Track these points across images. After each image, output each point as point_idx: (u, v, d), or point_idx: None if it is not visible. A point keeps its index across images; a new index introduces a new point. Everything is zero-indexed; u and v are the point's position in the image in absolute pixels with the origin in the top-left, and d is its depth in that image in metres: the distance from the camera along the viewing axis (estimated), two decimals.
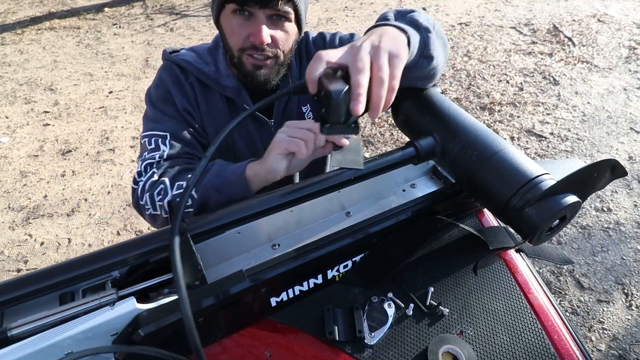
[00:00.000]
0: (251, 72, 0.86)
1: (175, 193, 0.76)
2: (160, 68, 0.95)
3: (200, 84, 0.93)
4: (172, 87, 0.91)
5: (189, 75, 0.92)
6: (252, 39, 0.81)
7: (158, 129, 0.87)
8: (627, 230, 2.16)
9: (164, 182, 0.78)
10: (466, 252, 0.72)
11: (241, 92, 0.93)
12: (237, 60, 0.86)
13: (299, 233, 0.77)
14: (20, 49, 4.13)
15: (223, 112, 0.94)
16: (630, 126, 2.87)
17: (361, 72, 0.51)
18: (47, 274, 0.54)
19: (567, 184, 0.56)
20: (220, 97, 0.94)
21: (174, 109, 0.90)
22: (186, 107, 0.90)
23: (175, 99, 0.90)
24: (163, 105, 0.91)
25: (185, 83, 0.92)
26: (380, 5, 4.82)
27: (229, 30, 0.83)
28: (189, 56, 0.93)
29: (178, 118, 0.90)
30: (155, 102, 0.92)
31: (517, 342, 0.61)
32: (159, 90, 0.92)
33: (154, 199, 0.78)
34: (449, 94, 3.26)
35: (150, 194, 0.79)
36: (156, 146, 0.85)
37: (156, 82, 0.94)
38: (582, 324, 1.77)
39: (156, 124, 0.88)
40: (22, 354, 0.45)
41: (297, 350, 0.60)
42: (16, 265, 2.07)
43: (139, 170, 0.84)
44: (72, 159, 2.75)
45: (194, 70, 0.91)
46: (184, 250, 0.57)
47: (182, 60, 0.92)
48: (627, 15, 4.33)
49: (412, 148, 0.68)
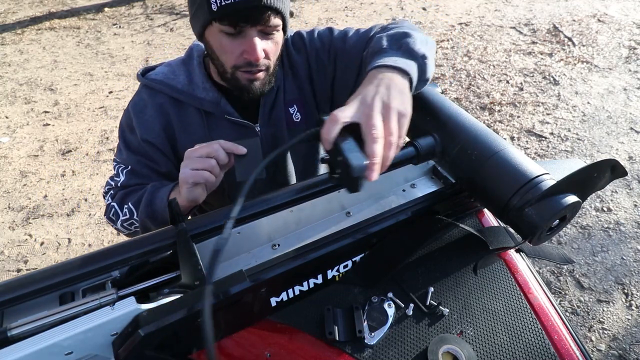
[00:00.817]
0: (247, 86, 0.85)
1: (123, 217, 0.87)
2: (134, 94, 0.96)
3: (173, 101, 0.91)
4: (135, 116, 0.91)
5: (159, 96, 0.91)
6: (246, 56, 0.79)
7: (120, 158, 0.94)
8: (627, 230, 2.16)
9: (114, 206, 0.89)
10: (466, 252, 0.72)
11: (220, 103, 0.90)
12: (231, 76, 0.84)
13: (299, 233, 0.77)
14: (20, 49, 4.13)
15: (200, 126, 0.92)
16: (630, 126, 2.87)
17: (377, 142, 0.53)
18: (47, 274, 0.54)
19: (567, 184, 0.56)
20: (197, 110, 0.92)
21: (135, 139, 0.92)
22: (145, 137, 0.90)
23: (137, 130, 0.90)
24: (129, 134, 0.93)
25: (151, 108, 0.91)
26: (380, 5, 4.83)
27: (219, 48, 0.80)
28: (161, 74, 0.92)
29: (139, 150, 0.92)
30: (123, 130, 0.94)
31: (517, 342, 0.61)
32: (125, 119, 0.94)
33: (112, 219, 0.91)
34: (449, 94, 3.26)
35: (107, 216, 0.92)
36: (117, 173, 0.93)
37: (125, 111, 0.95)
38: (582, 324, 1.77)
39: (120, 154, 0.94)
40: (22, 354, 0.45)
41: (297, 350, 0.60)
42: (16, 265, 2.07)
43: (105, 189, 0.96)
44: (72, 159, 2.75)
45: (164, 89, 0.90)
46: (184, 250, 0.57)
47: (152, 81, 0.91)
48: (627, 15, 4.33)
49: (411, 148, 0.68)
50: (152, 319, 0.49)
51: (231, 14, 0.73)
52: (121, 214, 0.87)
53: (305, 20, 4.54)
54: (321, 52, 0.96)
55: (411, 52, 0.69)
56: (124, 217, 0.87)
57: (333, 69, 0.96)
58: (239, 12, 0.73)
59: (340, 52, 0.94)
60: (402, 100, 0.59)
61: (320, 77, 0.98)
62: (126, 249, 0.58)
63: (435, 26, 4.30)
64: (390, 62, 0.65)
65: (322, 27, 1.00)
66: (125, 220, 0.87)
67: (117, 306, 0.49)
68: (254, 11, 0.74)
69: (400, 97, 0.59)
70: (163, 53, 4.00)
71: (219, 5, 0.72)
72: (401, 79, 0.63)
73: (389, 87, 0.60)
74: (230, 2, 0.72)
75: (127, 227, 0.88)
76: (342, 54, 0.93)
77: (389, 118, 0.56)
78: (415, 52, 0.69)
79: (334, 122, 0.55)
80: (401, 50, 0.70)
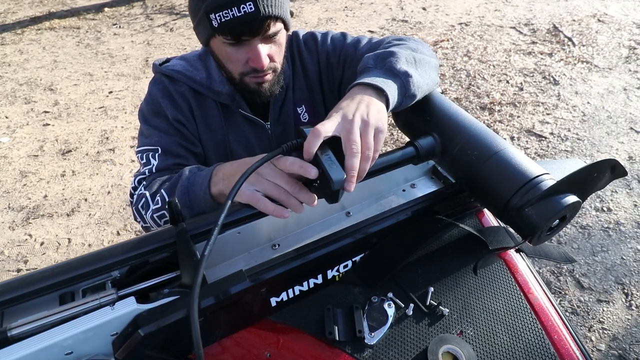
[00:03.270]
0: (256, 89, 0.86)
1: (154, 207, 0.78)
2: (150, 82, 0.95)
3: (193, 92, 0.92)
4: (162, 99, 0.91)
5: (179, 85, 0.92)
6: (251, 63, 0.81)
7: (149, 143, 0.89)
8: (627, 230, 2.16)
9: (145, 195, 0.81)
10: (466, 252, 0.72)
11: (235, 97, 0.92)
12: (240, 82, 0.86)
13: (299, 233, 0.77)
14: (20, 49, 4.13)
15: (217, 118, 0.94)
16: (630, 126, 2.87)
17: (355, 156, 0.57)
18: (47, 274, 0.54)
19: (567, 184, 0.56)
20: (214, 103, 0.93)
21: (165, 121, 0.91)
22: (177, 117, 0.90)
23: (166, 111, 0.90)
24: (154, 119, 0.91)
25: (176, 93, 0.91)
26: (380, 5, 4.82)
27: (224, 57, 0.83)
28: (179, 65, 0.93)
29: (169, 131, 0.90)
30: (147, 117, 0.92)
31: (517, 342, 0.61)
32: (149, 105, 0.93)
33: (140, 212, 0.81)
34: (449, 94, 3.26)
35: (136, 207, 0.82)
36: (147, 161, 0.88)
37: (146, 98, 0.94)
38: (582, 324, 1.77)
39: (147, 139, 0.90)
40: (22, 354, 0.45)
41: (297, 350, 0.60)
42: (16, 265, 2.07)
43: (133, 185, 0.87)
44: (72, 159, 2.75)
45: (184, 79, 0.91)
46: (184, 250, 0.57)
47: (172, 71, 0.92)
48: (627, 15, 4.33)
49: (412, 148, 0.68)
50: (152, 319, 0.49)
51: (233, 29, 0.75)
52: (152, 204, 0.79)
53: (305, 20, 4.54)
54: (332, 55, 0.98)
55: (393, 70, 0.73)
56: (155, 206, 0.79)
57: (341, 74, 0.97)
58: (239, 26, 0.75)
59: (350, 58, 0.95)
60: (379, 118, 0.63)
61: (329, 79, 1.00)
62: (126, 249, 0.58)
63: (435, 26, 4.30)
64: (371, 80, 0.69)
65: (336, 32, 1.02)
66: (157, 210, 0.78)
67: (117, 306, 0.49)
68: (254, 23, 0.75)
69: (378, 115, 0.63)
70: (163, 53, 3.99)
71: (220, 22, 0.74)
72: (379, 97, 0.67)
73: (368, 105, 0.64)
74: (229, 18, 0.73)
75: (157, 221, 0.79)
76: (351, 60, 0.94)
77: (366, 134, 0.60)
78: (397, 71, 0.73)
79: (316, 135, 0.57)
80: (384, 69, 0.74)
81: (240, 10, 0.73)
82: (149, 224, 0.81)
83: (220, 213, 0.52)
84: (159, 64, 0.95)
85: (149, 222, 0.80)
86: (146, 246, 0.59)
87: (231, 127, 0.95)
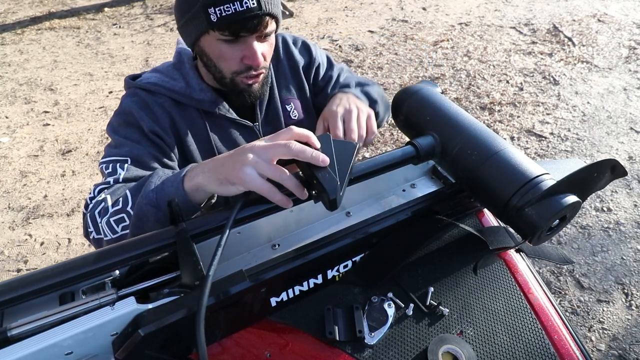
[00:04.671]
0: (245, 89, 0.86)
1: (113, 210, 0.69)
2: (123, 96, 0.90)
3: (174, 103, 0.89)
4: (137, 111, 0.85)
5: (159, 97, 0.88)
6: (246, 61, 0.80)
7: (117, 154, 0.82)
8: (627, 230, 2.16)
9: (105, 199, 0.71)
10: (466, 252, 0.72)
11: (218, 103, 0.90)
12: (230, 82, 0.84)
13: (299, 233, 0.77)
14: (20, 49, 4.13)
15: (202, 126, 0.91)
16: (630, 126, 2.87)
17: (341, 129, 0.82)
18: (47, 274, 0.53)
19: (567, 184, 0.56)
20: (197, 111, 0.91)
21: (138, 132, 0.85)
22: (154, 129, 0.85)
23: (141, 122, 0.85)
24: (125, 129, 0.85)
25: (154, 104, 0.87)
26: (380, 5, 4.82)
27: (217, 55, 0.81)
28: (154, 77, 0.90)
29: (142, 142, 0.84)
30: (117, 128, 0.86)
31: (517, 342, 0.61)
32: (121, 117, 0.87)
33: (95, 219, 0.71)
34: (449, 94, 3.26)
35: (91, 214, 0.71)
36: (113, 170, 0.79)
37: (117, 111, 0.89)
38: (582, 324, 1.77)
39: (116, 149, 0.83)
40: (22, 354, 0.45)
41: (297, 350, 0.60)
42: (16, 265, 2.07)
43: (91, 195, 0.76)
44: (72, 159, 2.75)
45: (163, 91, 0.88)
46: (184, 250, 0.57)
47: (149, 84, 0.88)
48: (627, 15, 4.33)
49: (412, 148, 0.68)
50: (152, 319, 0.49)
51: (232, 24, 0.74)
52: (111, 207, 0.69)
53: (305, 20, 4.54)
54: (321, 68, 1.06)
55: (367, 94, 0.97)
56: (114, 208, 0.69)
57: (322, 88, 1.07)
58: (239, 21, 0.74)
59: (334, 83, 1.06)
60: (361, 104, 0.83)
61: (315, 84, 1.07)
62: (126, 249, 0.58)
63: (435, 26, 4.30)
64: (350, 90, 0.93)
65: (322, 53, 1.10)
66: (115, 213, 0.68)
67: (117, 306, 0.49)
68: (254, 20, 0.75)
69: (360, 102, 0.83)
70: (163, 53, 3.99)
71: (219, 16, 0.73)
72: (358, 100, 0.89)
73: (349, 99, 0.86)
74: (231, 12, 0.73)
75: (113, 226, 0.68)
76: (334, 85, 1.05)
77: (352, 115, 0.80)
78: (370, 96, 0.97)
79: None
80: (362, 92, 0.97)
81: (242, 5, 0.72)
82: (101, 234, 0.70)
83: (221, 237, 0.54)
84: (131, 79, 0.92)
85: (103, 230, 0.69)
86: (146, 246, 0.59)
87: (218, 133, 0.93)
